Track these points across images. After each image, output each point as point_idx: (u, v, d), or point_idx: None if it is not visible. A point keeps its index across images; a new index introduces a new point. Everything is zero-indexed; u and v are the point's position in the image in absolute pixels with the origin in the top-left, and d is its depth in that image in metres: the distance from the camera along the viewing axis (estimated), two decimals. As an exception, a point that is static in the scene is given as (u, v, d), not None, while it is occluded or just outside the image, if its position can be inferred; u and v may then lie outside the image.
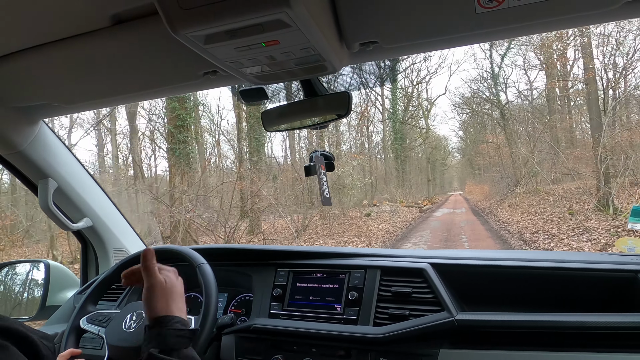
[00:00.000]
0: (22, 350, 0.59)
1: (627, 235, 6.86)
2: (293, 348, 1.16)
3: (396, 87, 23.26)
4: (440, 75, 70.62)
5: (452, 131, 43.96)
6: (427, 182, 32.24)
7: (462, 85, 25.98)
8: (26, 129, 1.27)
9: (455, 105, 31.22)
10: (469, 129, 31.64)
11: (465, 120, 31.02)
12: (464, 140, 34.71)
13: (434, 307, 1.08)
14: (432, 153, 34.32)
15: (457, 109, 29.32)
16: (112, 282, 1.27)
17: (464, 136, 34.16)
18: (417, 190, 29.90)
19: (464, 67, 40.37)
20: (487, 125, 24.50)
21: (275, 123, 1.07)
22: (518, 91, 18.89)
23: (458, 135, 37.92)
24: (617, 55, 11.50)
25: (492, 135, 22.27)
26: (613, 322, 0.94)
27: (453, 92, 45.85)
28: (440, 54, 25.26)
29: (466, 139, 33.61)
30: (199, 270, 1.14)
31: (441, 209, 20.75)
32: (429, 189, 32.10)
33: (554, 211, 10.58)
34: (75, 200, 1.50)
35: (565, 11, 0.71)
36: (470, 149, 31.51)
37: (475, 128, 28.25)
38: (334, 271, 1.25)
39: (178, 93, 1.16)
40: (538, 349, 0.97)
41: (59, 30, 0.81)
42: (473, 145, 30.28)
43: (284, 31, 0.63)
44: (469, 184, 36.84)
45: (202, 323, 1.04)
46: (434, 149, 34.09)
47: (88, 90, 1.04)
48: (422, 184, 31.71)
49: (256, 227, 11.61)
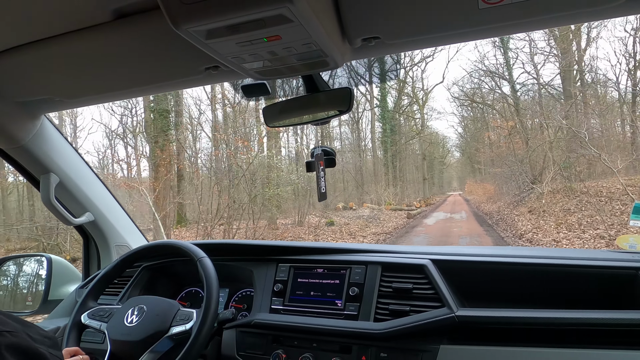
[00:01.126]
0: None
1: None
2: (294, 343, 1.17)
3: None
4: (437, 62, 67.70)
5: (450, 127, 42.19)
6: (423, 180, 30.06)
7: (462, 75, 24.58)
8: (28, 123, 1.27)
9: (454, 97, 29.97)
10: (468, 126, 30.21)
11: (465, 116, 29.53)
12: (463, 137, 33.22)
13: (434, 303, 1.08)
14: (429, 149, 32.25)
15: (456, 100, 27.14)
16: (113, 278, 1.28)
17: (464, 132, 32.59)
18: (413, 190, 27.94)
19: (463, 53, 39.00)
20: (489, 117, 22.74)
21: (277, 119, 1.07)
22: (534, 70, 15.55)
23: (457, 132, 36.65)
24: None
25: (499, 120, 18.71)
26: (613, 319, 0.94)
27: (452, 81, 44.23)
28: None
29: (466, 135, 32.05)
30: (199, 264, 1.14)
31: (435, 213, 17.36)
32: (425, 188, 29.90)
33: (612, 221, 7.17)
34: (77, 195, 1.50)
35: (567, 7, 0.71)
36: (470, 145, 30.10)
37: (476, 124, 27.10)
38: (335, 267, 1.25)
39: (179, 88, 1.15)
40: (538, 345, 0.97)
41: (61, 25, 0.81)
42: (473, 142, 28.57)
43: (285, 26, 0.63)
44: (469, 183, 34.80)
45: (203, 317, 1.05)
46: (431, 144, 32.07)
47: (89, 85, 1.04)
48: (417, 182, 29.69)
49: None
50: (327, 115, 1.02)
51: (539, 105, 15.13)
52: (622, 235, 5.89)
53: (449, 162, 42.03)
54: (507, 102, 17.92)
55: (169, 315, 1.10)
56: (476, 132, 26.91)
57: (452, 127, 47.49)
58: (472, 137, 29.79)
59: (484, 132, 23.60)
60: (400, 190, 22.99)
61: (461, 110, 28.67)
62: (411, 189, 27.50)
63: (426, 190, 30.24)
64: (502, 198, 16.35)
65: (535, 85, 15.84)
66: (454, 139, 39.44)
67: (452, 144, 37.49)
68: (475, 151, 27.85)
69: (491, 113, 22.14)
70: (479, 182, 28.48)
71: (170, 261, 1.46)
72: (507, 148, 17.43)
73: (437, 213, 17.61)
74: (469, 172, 35.70)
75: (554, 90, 14.98)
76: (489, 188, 22.21)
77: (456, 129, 40.18)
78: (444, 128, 65.90)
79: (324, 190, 1.07)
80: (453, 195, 38.79)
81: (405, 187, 25.55)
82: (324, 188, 1.07)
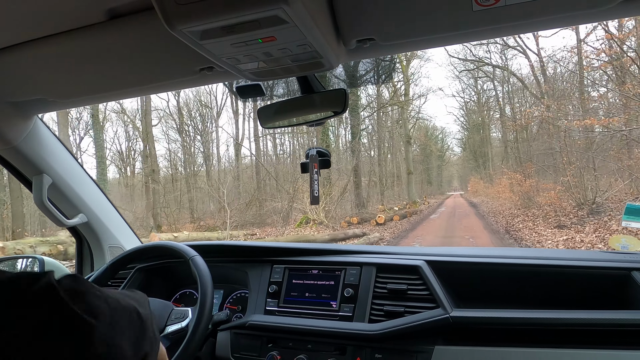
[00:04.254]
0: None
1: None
2: (288, 344, 1.16)
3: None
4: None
5: (449, 114, 35.88)
6: (408, 175, 21.26)
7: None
8: (20, 124, 1.26)
9: (452, 56, 23.93)
10: (471, 113, 25.35)
11: (467, 102, 24.57)
12: (465, 127, 27.65)
13: (429, 304, 1.09)
14: (422, 139, 26.36)
15: (456, 66, 21.49)
16: (106, 280, 1.27)
17: (465, 121, 27.36)
18: (396, 189, 21.15)
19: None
20: (500, 93, 18.85)
21: (272, 120, 1.07)
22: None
23: (459, 121, 30.13)
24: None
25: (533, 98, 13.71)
26: (606, 320, 0.95)
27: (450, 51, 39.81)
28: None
29: (468, 123, 26.90)
30: (192, 263, 1.13)
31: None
32: (410, 187, 21.17)
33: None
34: (70, 196, 1.49)
35: (561, 10, 0.71)
36: (476, 130, 25.21)
37: (481, 109, 22.27)
38: (330, 268, 1.25)
39: (174, 89, 1.15)
40: (532, 345, 0.98)
41: (54, 25, 0.80)
42: (477, 130, 23.58)
43: (280, 27, 0.63)
44: (473, 180, 27.85)
45: (200, 313, 1.04)
46: (421, 129, 26.42)
47: (83, 85, 1.04)
48: (403, 177, 21.89)
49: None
50: (322, 116, 1.03)
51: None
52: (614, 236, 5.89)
53: (449, 159, 38.09)
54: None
55: (164, 315, 1.09)
56: (481, 117, 21.82)
57: (452, 114, 41.46)
58: (473, 126, 25.02)
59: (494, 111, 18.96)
60: (368, 193, 16.10)
61: (465, 79, 22.81)
62: (394, 188, 21.18)
63: (412, 190, 21.19)
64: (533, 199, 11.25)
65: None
66: (454, 132, 34.89)
67: (452, 137, 33.22)
68: (481, 144, 23.55)
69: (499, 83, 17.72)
70: (488, 181, 21.90)
71: (163, 263, 1.45)
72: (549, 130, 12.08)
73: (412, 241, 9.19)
74: (472, 167, 30.42)
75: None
76: (503, 186, 15.49)
77: (457, 116, 33.73)
78: (441, 116, 60.66)
79: (317, 194, 1.07)
80: (454, 195, 33.97)
81: (387, 187, 19.39)
82: (317, 191, 1.07)
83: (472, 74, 21.37)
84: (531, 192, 11.89)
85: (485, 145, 24.43)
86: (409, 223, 12.74)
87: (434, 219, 14.15)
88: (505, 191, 15.20)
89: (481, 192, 22.77)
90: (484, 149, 24.63)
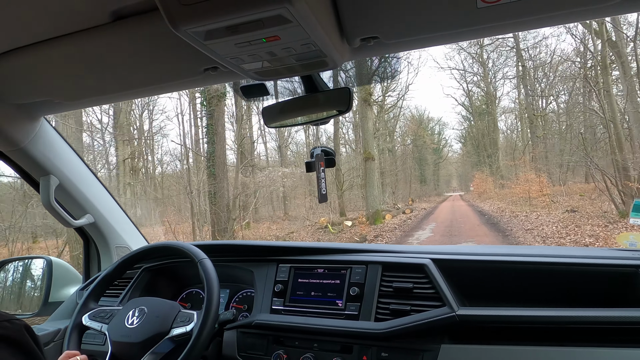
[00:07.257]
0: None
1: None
2: (295, 343, 1.17)
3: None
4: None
5: (448, 96, 30.47)
6: (365, 163, 12.29)
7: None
8: (27, 125, 1.27)
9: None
10: (475, 97, 20.84)
11: (471, 82, 20.63)
12: (467, 118, 24.03)
13: (435, 303, 1.08)
14: (415, 129, 21.92)
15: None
16: (113, 279, 1.28)
17: (469, 106, 23.46)
18: (360, 191, 14.34)
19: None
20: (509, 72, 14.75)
21: (276, 119, 1.07)
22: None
23: (461, 106, 25.59)
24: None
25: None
26: (614, 317, 0.94)
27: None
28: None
29: (471, 109, 23.24)
30: (200, 266, 1.14)
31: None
32: (368, 187, 11.90)
33: None
34: (76, 197, 1.50)
35: (565, 6, 0.71)
36: (482, 116, 21.23)
37: (488, 86, 18.34)
38: (335, 267, 1.25)
39: (178, 89, 1.15)
40: (539, 344, 0.97)
41: (59, 27, 0.81)
42: (482, 122, 19.68)
43: (284, 27, 0.63)
44: (479, 177, 21.45)
45: (204, 319, 1.05)
46: (413, 120, 20.43)
47: (88, 86, 1.04)
48: (360, 169, 14.17)
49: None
50: (326, 115, 1.03)
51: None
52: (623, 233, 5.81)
53: (446, 156, 34.13)
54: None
55: (170, 317, 1.10)
56: (487, 103, 18.32)
57: (451, 96, 36.90)
58: (478, 112, 21.60)
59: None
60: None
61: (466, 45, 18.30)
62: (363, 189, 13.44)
63: (372, 192, 12.09)
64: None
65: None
66: (454, 122, 31.05)
67: (450, 127, 29.09)
68: (484, 136, 20.25)
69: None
70: (500, 177, 16.69)
71: (170, 262, 1.46)
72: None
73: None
74: (474, 163, 26.00)
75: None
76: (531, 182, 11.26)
77: (459, 101, 28.00)
78: (438, 102, 54.84)
79: (325, 191, 1.07)
80: (453, 196, 29.41)
81: (346, 187, 13.08)
82: (324, 189, 1.07)
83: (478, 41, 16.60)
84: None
85: (495, 133, 20.40)
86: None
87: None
88: (543, 190, 9.89)
89: (492, 193, 16.77)
90: (494, 136, 20.27)
